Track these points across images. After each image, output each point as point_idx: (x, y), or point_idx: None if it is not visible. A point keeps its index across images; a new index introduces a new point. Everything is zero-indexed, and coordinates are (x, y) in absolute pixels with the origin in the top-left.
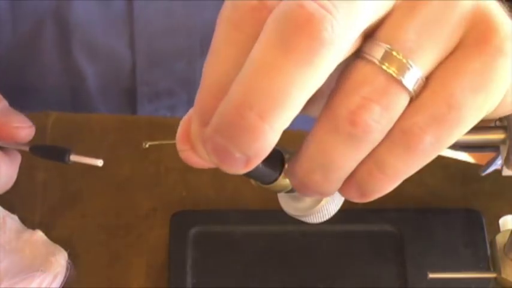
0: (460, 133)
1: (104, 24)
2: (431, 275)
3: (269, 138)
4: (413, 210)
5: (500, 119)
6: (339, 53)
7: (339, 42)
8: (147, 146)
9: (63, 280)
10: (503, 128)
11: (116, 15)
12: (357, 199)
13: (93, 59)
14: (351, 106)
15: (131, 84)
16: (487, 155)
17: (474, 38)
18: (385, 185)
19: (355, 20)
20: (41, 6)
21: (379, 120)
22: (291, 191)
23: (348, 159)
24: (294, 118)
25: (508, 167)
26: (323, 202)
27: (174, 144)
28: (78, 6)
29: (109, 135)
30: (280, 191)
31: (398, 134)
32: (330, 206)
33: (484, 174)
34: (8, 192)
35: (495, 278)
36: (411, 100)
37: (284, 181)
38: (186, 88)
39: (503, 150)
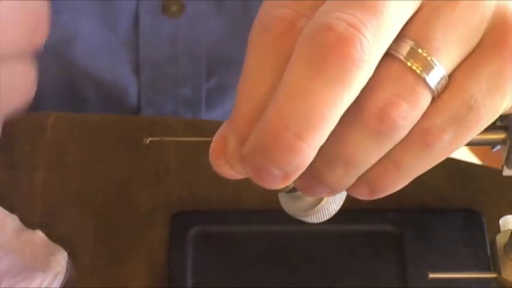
0: (476, 132)
1: (109, 53)
2: (431, 275)
3: (307, 155)
4: (413, 210)
5: (501, 119)
6: (370, 69)
7: (370, 59)
8: (147, 142)
9: (63, 280)
10: (504, 128)
11: (121, 44)
12: (364, 196)
13: (97, 85)
14: (380, 102)
15: (136, 107)
16: (488, 152)
17: (493, 38)
18: (398, 182)
19: (385, 34)
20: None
21: (406, 117)
22: (292, 190)
23: (369, 156)
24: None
25: (508, 167)
26: (323, 202)
27: (174, 144)
28: (84, 38)
29: (109, 135)
30: (280, 191)
31: (417, 132)
32: (331, 205)
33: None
34: (8, 192)
35: (495, 278)
36: (433, 99)
37: None
38: (191, 108)
39: (504, 150)
